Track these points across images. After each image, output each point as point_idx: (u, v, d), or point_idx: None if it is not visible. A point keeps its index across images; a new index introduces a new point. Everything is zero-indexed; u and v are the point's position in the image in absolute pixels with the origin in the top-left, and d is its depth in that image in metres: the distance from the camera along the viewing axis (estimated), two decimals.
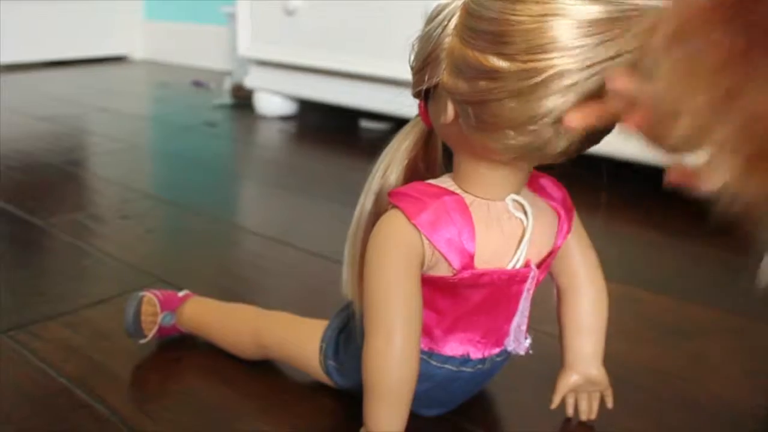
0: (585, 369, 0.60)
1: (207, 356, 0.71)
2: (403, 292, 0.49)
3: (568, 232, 0.55)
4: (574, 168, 0.50)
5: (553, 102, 0.41)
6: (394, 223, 0.50)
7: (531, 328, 0.58)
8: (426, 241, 0.49)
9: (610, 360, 0.61)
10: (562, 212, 0.55)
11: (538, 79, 0.41)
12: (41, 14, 2.66)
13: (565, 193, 0.56)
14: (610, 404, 0.62)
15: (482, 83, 0.43)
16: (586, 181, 0.54)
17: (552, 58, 0.41)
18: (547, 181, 0.56)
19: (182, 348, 0.73)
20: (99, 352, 0.71)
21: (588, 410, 0.63)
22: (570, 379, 0.60)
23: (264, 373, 0.69)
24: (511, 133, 0.43)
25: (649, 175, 1.28)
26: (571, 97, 0.41)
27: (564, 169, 0.50)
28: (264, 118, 1.90)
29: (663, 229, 1.11)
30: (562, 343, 0.61)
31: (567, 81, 0.41)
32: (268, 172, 1.46)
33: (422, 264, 0.50)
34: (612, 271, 0.61)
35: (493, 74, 0.42)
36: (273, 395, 0.65)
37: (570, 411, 0.63)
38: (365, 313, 0.51)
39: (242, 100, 2.03)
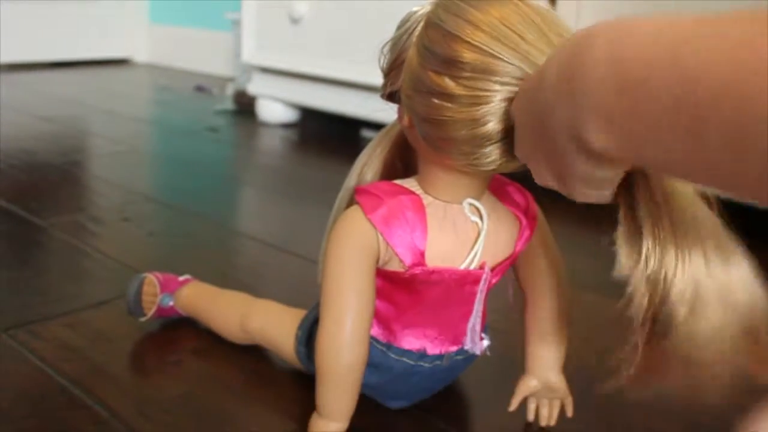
0: (544, 375, 0.61)
1: (207, 360, 0.72)
2: (355, 283, 0.52)
3: (528, 239, 0.57)
4: None
5: (497, 126, 0.43)
6: (352, 217, 0.53)
7: (513, 335, 0.59)
8: (380, 237, 0.51)
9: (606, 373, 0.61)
10: (524, 219, 0.56)
11: (482, 105, 0.42)
12: (46, 15, 2.67)
13: (529, 200, 0.58)
14: (569, 412, 0.64)
15: (435, 101, 0.44)
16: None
17: (493, 86, 0.42)
18: (512, 188, 0.58)
19: (181, 351, 0.73)
20: (98, 353, 0.71)
21: (548, 416, 0.64)
22: (529, 384, 0.62)
23: (264, 378, 0.69)
24: (463, 148, 0.45)
25: None
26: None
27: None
28: (266, 125, 1.91)
29: None
30: (525, 349, 0.62)
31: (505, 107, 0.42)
32: (269, 179, 1.46)
33: (377, 257, 0.53)
34: (610, 285, 0.61)
35: (443, 96, 0.44)
36: (273, 401, 0.66)
37: (531, 416, 0.64)
38: (321, 301, 0.54)
39: (244, 107, 2.04)
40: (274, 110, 1.90)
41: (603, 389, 0.41)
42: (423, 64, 0.45)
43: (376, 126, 1.70)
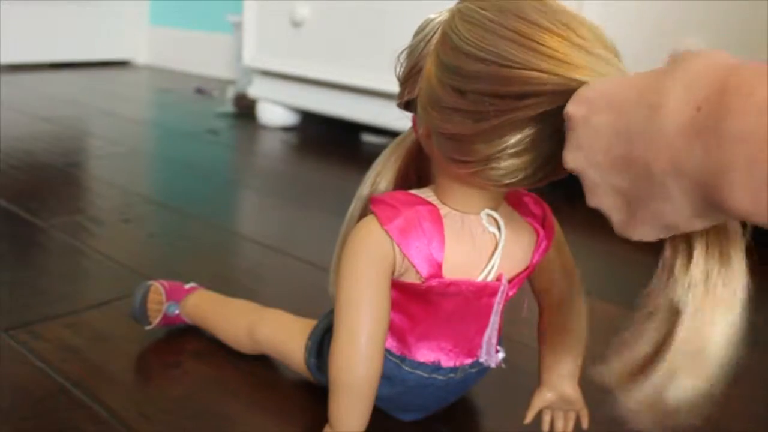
0: (560, 387, 0.61)
1: (207, 362, 0.72)
2: (370, 295, 0.51)
3: (545, 250, 0.56)
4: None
5: (515, 137, 0.42)
6: (367, 228, 0.52)
7: (517, 342, 0.59)
8: (396, 248, 0.50)
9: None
10: (541, 230, 0.55)
11: (501, 119, 0.41)
12: (46, 16, 2.67)
13: (546, 211, 0.57)
14: (585, 424, 0.63)
15: (455, 118, 0.44)
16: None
17: (518, 103, 0.40)
18: (529, 199, 0.57)
19: (182, 353, 0.73)
20: (98, 354, 0.71)
21: (563, 428, 0.63)
22: (545, 397, 0.61)
23: (264, 382, 0.69)
24: (479, 165, 0.44)
25: None
26: (529, 131, 0.42)
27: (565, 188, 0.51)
28: (266, 128, 1.91)
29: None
30: (540, 361, 0.62)
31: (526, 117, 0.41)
32: (269, 182, 1.46)
33: (393, 269, 0.52)
34: (610, 291, 0.61)
35: (464, 113, 0.43)
36: (273, 405, 0.66)
37: (546, 428, 0.64)
38: (335, 313, 0.53)
39: (245, 110, 2.04)
40: (274, 113, 1.91)
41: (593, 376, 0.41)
42: (442, 80, 0.44)
43: (377, 130, 1.70)
